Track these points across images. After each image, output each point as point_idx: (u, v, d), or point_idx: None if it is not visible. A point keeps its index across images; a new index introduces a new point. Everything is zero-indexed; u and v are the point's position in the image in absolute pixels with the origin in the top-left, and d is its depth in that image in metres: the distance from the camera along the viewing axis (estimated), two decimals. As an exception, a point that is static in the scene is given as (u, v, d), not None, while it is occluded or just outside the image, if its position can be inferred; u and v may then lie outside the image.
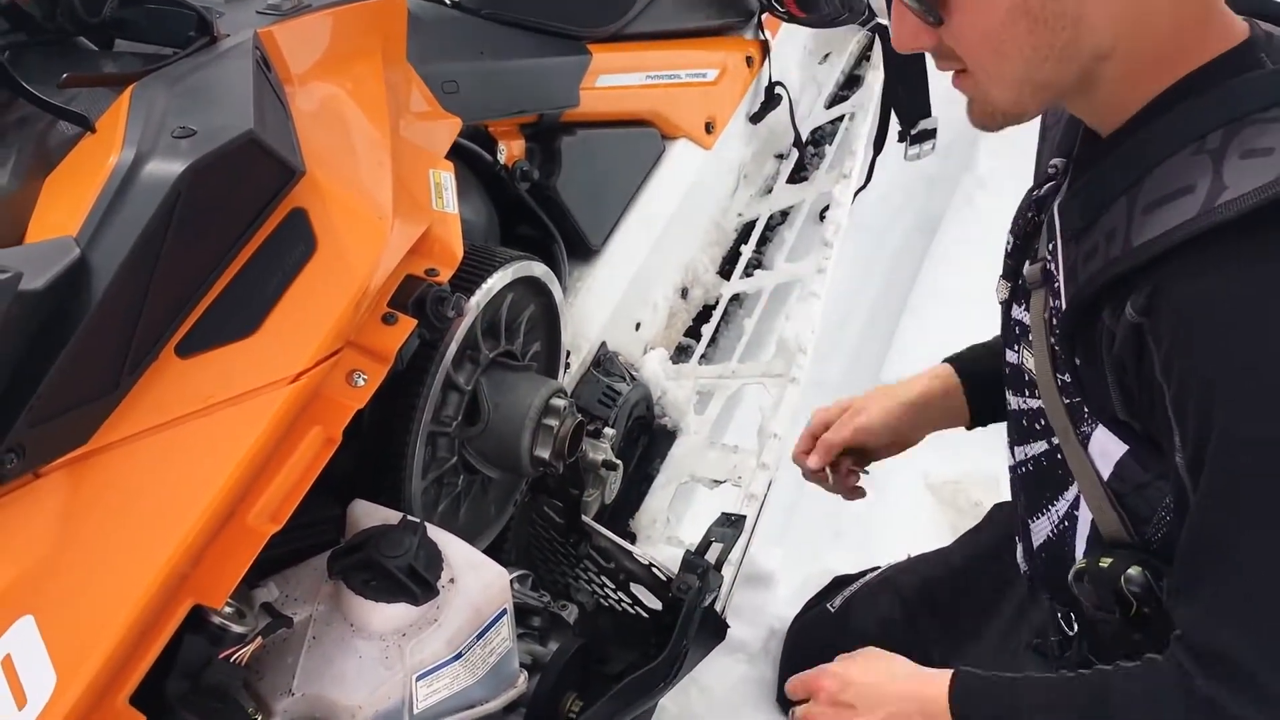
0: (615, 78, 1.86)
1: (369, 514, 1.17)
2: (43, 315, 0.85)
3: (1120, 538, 1.08)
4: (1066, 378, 1.05)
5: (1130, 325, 0.93)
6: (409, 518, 1.13)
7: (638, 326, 1.98)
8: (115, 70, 1.14)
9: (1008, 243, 1.20)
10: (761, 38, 2.21)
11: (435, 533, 1.14)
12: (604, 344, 1.86)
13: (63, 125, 1.05)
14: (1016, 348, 1.17)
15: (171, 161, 0.94)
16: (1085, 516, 1.12)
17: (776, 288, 2.19)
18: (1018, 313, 1.16)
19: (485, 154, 1.62)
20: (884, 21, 2.22)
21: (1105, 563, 1.06)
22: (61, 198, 0.97)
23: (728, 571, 1.54)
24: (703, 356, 2.13)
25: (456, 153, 1.48)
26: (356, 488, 1.25)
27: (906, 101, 2.29)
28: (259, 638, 1.03)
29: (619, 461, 1.63)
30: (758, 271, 2.27)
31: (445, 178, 1.33)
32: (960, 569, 1.55)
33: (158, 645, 0.95)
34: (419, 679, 1.09)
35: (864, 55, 2.59)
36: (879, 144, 2.34)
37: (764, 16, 2.20)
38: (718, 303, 2.19)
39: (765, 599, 1.83)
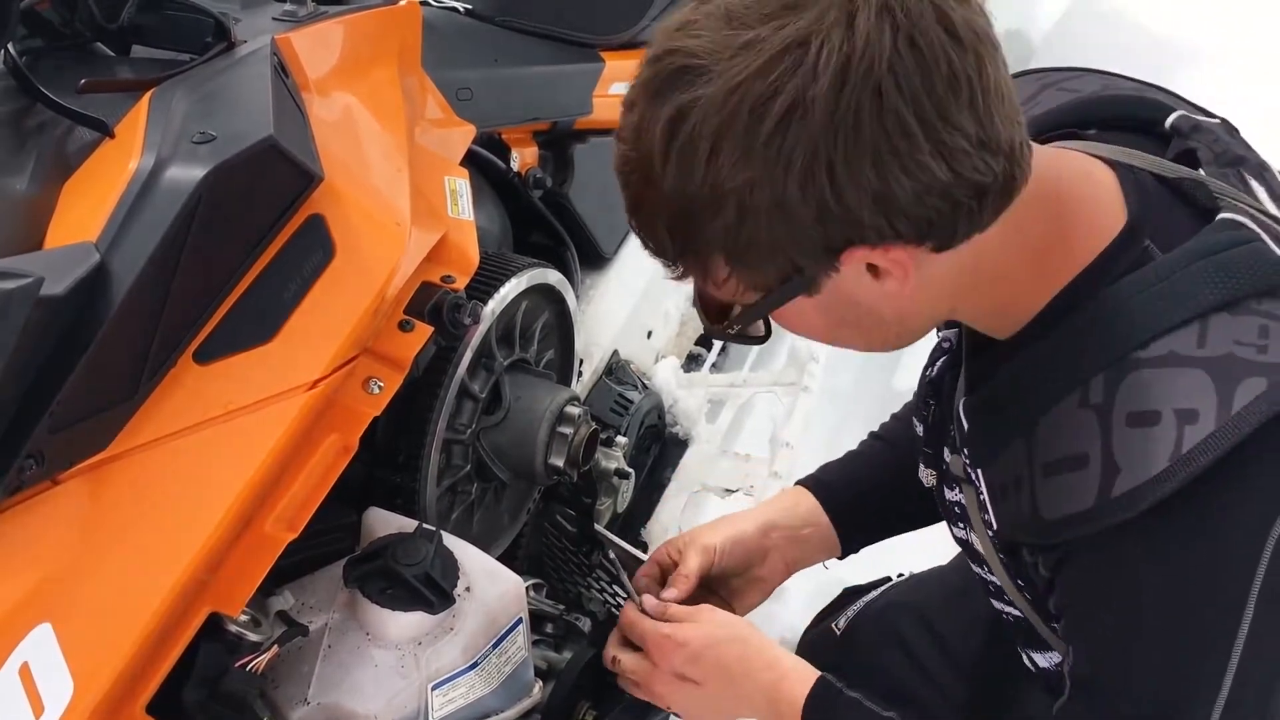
0: (628, 85, 1.85)
1: (384, 522, 1.17)
2: (63, 321, 0.84)
3: None
4: (1020, 583, 1.04)
5: (1043, 576, 0.96)
6: (425, 526, 1.13)
7: (649, 334, 1.97)
8: (133, 76, 1.14)
9: (917, 428, 1.15)
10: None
11: (451, 541, 1.14)
12: (616, 352, 1.85)
13: (81, 130, 1.05)
14: (962, 526, 1.11)
15: (192, 167, 0.94)
16: None
17: (787, 296, 2.18)
18: (951, 495, 1.11)
19: (498, 161, 1.61)
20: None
21: None
22: (81, 203, 0.97)
23: (740, 581, 1.53)
24: (714, 365, 2.12)
25: (470, 160, 1.48)
26: (371, 495, 1.25)
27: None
28: (275, 646, 1.03)
29: (631, 470, 1.63)
30: (769, 280, 2.25)
31: (461, 184, 1.33)
32: (959, 589, 1.52)
33: (175, 653, 0.94)
34: (435, 688, 1.08)
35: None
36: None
37: (776, 25, 2.20)
38: (729, 311, 2.18)
39: (777, 609, 1.81)
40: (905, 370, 2.38)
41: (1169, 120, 0.99)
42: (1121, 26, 3.12)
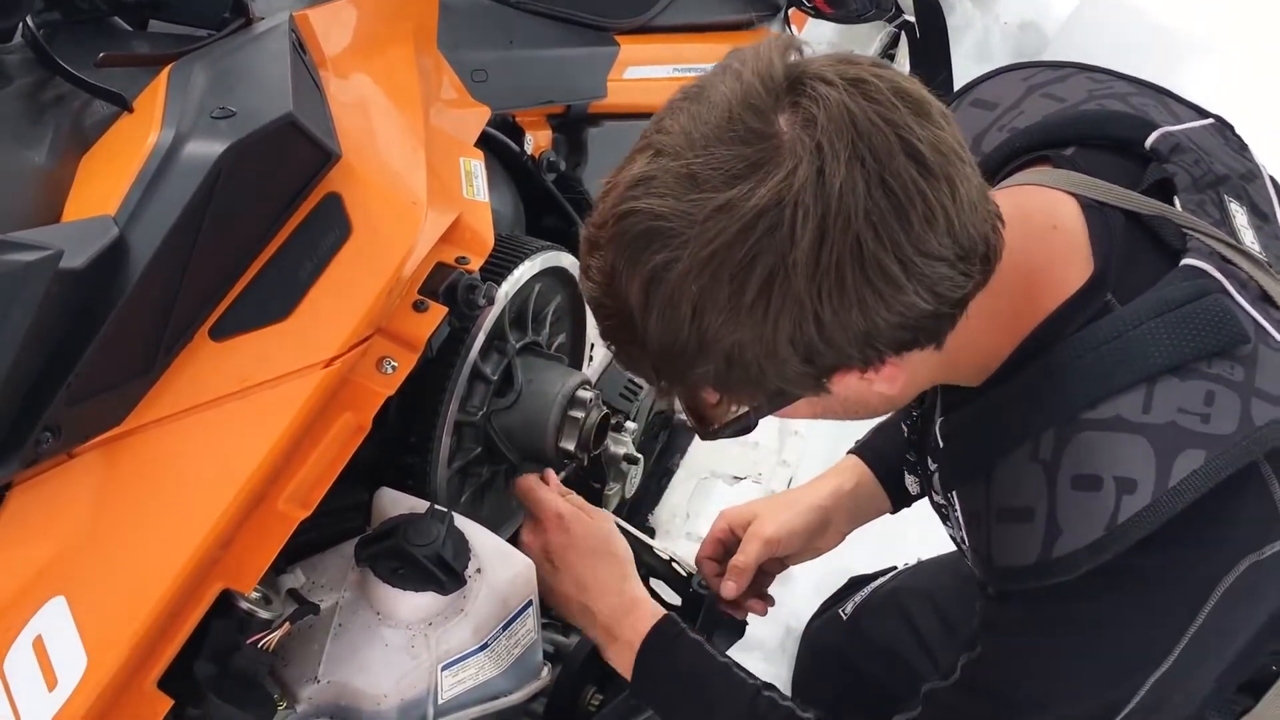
0: (642, 70, 1.84)
1: (395, 502, 1.17)
2: (81, 295, 0.84)
3: None
4: None
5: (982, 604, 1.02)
6: (436, 506, 1.13)
7: (659, 320, 1.97)
8: (150, 50, 1.13)
9: (904, 431, 1.19)
10: (788, 33, 2.20)
11: (462, 522, 1.14)
12: (626, 337, 1.85)
13: (99, 104, 1.04)
14: (950, 524, 1.14)
15: (211, 142, 0.93)
16: None
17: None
18: (937, 498, 1.13)
19: (512, 144, 1.61)
20: (910, 18, 2.22)
21: None
22: (99, 177, 0.97)
23: (747, 568, 1.53)
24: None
25: (484, 142, 1.47)
26: (382, 475, 1.25)
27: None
28: (286, 624, 1.03)
29: (640, 455, 1.62)
30: (779, 267, 2.25)
31: (475, 166, 1.32)
32: (969, 575, 1.53)
33: (187, 628, 0.94)
34: (444, 669, 1.08)
35: (886, 54, 2.58)
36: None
37: (791, 11, 2.19)
38: (738, 298, 2.18)
39: (783, 596, 1.80)
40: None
41: (1149, 141, 0.99)
42: (1134, 18, 3.10)
